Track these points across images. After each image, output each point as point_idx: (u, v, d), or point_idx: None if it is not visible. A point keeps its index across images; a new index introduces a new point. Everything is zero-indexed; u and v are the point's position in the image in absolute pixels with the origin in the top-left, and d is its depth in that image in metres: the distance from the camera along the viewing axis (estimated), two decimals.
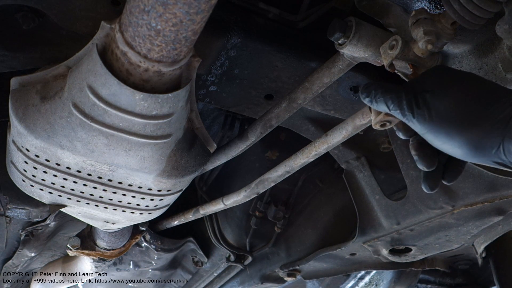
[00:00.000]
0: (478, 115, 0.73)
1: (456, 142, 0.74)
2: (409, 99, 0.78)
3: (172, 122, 0.98)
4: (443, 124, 0.75)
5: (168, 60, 0.82)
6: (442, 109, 0.75)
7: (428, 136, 0.78)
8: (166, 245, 2.33)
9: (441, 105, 0.75)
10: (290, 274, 2.19)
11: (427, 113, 0.76)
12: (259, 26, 1.17)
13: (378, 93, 0.82)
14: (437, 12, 0.94)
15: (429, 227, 1.52)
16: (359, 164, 1.62)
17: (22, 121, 0.99)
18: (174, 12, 0.70)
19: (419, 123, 0.77)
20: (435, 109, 0.76)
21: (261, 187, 1.41)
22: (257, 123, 1.24)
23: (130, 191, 1.17)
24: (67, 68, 0.97)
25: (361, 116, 0.98)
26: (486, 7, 0.79)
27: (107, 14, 1.00)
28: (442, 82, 0.78)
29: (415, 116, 0.77)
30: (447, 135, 0.75)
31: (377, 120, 0.88)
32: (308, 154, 1.17)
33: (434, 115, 0.75)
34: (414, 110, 0.77)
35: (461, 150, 0.75)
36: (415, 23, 0.86)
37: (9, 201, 1.78)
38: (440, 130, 0.75)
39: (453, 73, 0.82)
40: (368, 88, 0.84)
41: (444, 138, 0.75)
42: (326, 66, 1.07)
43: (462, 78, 0.79)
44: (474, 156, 0.74)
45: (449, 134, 0.74)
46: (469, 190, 1.31)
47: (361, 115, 0.98)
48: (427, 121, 0.76)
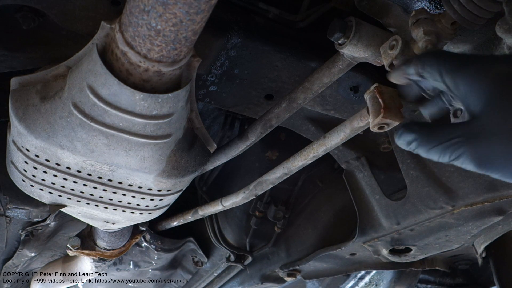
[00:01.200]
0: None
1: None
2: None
3: (172, 122, 0.98)
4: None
5: (168, 60, 0.82)
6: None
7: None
8: (166, 245, 2.33)
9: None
10: (290, 274, 2.19)
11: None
12: (259, 26, 1.17)
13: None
14: (437, 12, 0.94)
15: (429, 227, 1.52)
16: (359, 164, 1.63)
17: (22, 121, 0.99)
18: (174, 12, 0.70)
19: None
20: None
21: (260, 189, 1.41)
22: (257, 123, 1.24)
23: (130, 191, 1.17)
24: (67, 68, 0.97)
25: (359, 118, 0.98)
26: (486, 7, 0.79)
27: (107, 14, 1.00)
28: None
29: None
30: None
31: (375, 122, 0.88)
32: (306, 156, 1.18)
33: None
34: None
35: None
36: (415, 23, 0.86)
37: (9, 201, 1.78)
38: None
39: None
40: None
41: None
42: (326, 66, 1.07)
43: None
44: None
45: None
46: (469, 190, 1.31)
47: (359, 117, 0.97)
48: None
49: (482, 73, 0.67)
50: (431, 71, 0.72)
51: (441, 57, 0.72)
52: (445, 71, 0.70)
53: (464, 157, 0.67)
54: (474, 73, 0.67)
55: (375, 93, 0.90)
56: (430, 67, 0.72)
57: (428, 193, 1.40)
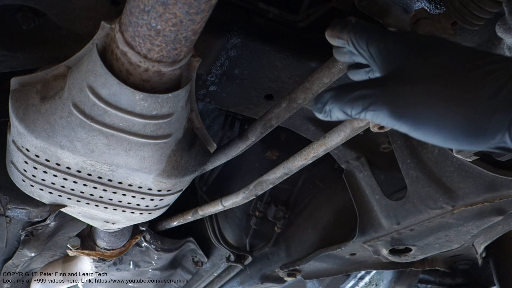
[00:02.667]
0: (468, 88, 0.59)
1: (446, 125, 0.60)
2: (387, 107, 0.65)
3: (172, 122, 0.98)
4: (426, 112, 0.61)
5: (168, 60, 0.82)
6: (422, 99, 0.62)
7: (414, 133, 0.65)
8: (166, 245, 2.33)
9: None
10: (290, 274, 2.19)
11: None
12: (259, 26, 1.17)
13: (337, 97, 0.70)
14: (437, 12, 0.94)
15: (429, 227, 1.52)
16: (359, 164, 1.63)
17: (22, 121, 0.99)
18: (174, 12, 0.70)
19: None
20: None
21: (260, 189, 1.41)
22: (257, 123, 1.24)
23: (130, 191, 1.17)
24: (67, 68, 0.97)
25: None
26: (486, 7, 0.79)
27: (107, 14, 1.00)
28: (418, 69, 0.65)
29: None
30: (435, 124, 0.61)
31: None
32: (306, 156, 1.17)
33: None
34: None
35: (450, 135, 0.61)
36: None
37: (9, 201, 1.78)
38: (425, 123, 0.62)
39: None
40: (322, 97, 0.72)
41: (430, 127, 0.62)
42: (326, 66, 1.06)
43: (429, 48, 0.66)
44: (468, 142, 0.60)
45: (438, 118, 0.61)
46: (469, 190, 1.31)
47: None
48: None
49: (401, 40, 0.71)
50: (359, 39, 0.76)
51: (369, 27, 0.76)
52: (371, 40, 0.74)
53: (377, 105, 0.65)
54: (393, 40, 0.71)
55: None
56: (360, 34, 0.75)
57: (428, 193, 1.40)
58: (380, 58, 0.72)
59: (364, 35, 0.75)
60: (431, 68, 0.64)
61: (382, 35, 0.73)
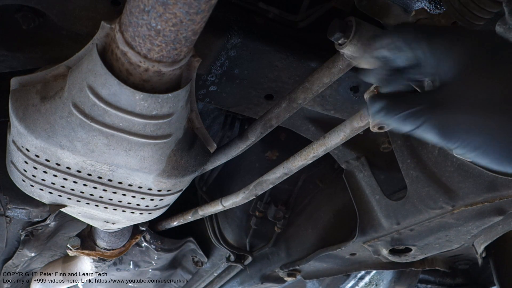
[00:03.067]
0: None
1: (493, 150, 0.63)
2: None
3: (172, 122, 0.98)
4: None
5: (168, 60, 0.82)
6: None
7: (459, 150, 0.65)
8: (166, 245, 2.33)
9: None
10: (290, 274, 2.19)
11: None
12: (259, 26, 1.17)
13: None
14: (437, 12, 0.94)
15: (429, 227, 1.52)
16: (359, 164, 1.63)
17: (22, 121, 0.99)
18: (174, 12, 0.70)
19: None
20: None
21: (260, 189, 1.41)
22: (257, 123, 1.24)
23: (130, 191, 1.17)
24: (67, 68, 0.97)
25: (359, 118, 0.98)
26: (486, 7, 0.80)
27: (107, 14, 1.00)
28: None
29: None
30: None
31: (375, 122, 0.88)
32: (306, 156, 1.18)
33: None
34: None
35: (497, 159, 0.63)
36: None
37: (9, 201, 1.78)
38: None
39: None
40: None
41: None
42: (326, 66, 1.07)
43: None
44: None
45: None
46: (469, 190, 1.31)
47: (359, 118, 0.98)
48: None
49: (457, 42, 0.67)
50: (408, 39, 0.71)
51: (417, 26, 0.73)
52: (422, 37, 0.70)
53: (427, 124, 0.66)
54: (449, 40, 0.67)
55: (375, 93, 0.90)
56: (408, 34, 0.71)
57: (428, 193, 1.40)
58: (434, 59, 0.69)
59: (413, 34, 0.70)
60: (486, 95, 0.63)
61: (432, 33, 0.69)
